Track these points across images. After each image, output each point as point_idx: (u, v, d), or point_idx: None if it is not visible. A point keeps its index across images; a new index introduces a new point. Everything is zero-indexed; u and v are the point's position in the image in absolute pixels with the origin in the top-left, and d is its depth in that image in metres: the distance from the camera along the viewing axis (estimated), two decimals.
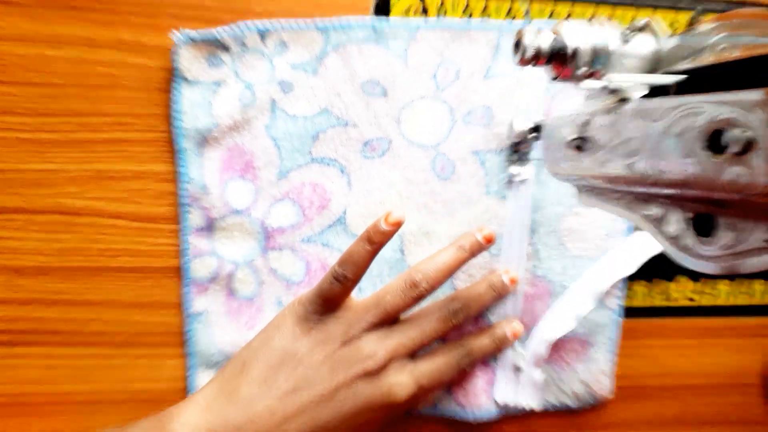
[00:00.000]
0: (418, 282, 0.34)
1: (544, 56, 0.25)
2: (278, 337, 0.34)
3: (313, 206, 0.38)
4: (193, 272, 0.38)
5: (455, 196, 0.39)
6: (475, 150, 0.38)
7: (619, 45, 0.24)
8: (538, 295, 0.40)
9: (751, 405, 0.45)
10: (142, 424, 0.32)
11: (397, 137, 0.38)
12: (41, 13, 0.35)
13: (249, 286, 0.39)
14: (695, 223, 0.20)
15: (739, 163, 0.16)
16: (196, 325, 0.39)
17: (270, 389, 0.32)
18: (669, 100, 0.20)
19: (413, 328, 0.35)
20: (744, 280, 0.44)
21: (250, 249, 0.38)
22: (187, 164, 0.37)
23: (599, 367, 0.41)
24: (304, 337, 0.34)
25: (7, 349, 0.38)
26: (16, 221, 0.37)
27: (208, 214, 0.38)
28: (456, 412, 0.40)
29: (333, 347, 0.33)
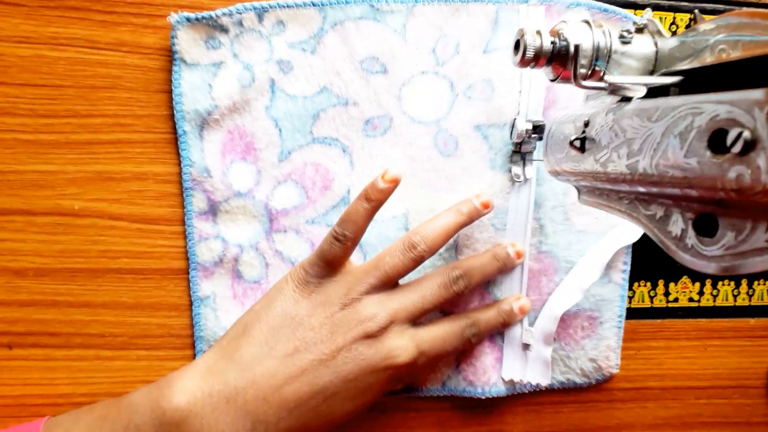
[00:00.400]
0: (417, 243, 0.34)
1: (545, 57, 0.25)
2: (279, 300, 0.34)
3: (316, 187, 0.38)
4: (199, 256, 0.38)
5: (459, 172, 0.39)
6: (477, 124, 0.38)
7: (619, 45, 0.24)
8: (543, 271, 0.40)
9: (754, 407, 0.45)
10: (141, 392, 0.33)
11: (398, 114, 0.38)
12: (41, 13, 0.35)
13: (255, 269, 0.39)
14: (697, 223, 0.20)
15: (740, 162, 0.16)
16: (203, 309, 0.39)
17: (270, 351, 0.33)
18: (670, 100, 0.20)
19: (414, 292, 0.35)
20: (746, 280, 0.44)
21: (254, 232, 0.38)
22: (188, 147, 0.37)
23: (607, 343, 0.41)
24: (305, 300, 0.34)
25: (6, 350, 0.38)
26: (16, 223, 0.37)
27: (210, 197, 0.38)
28: (465, 389, 0.40)
29: (333, 310, 0.33)
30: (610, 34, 0.24)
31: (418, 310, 0.35)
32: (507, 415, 0.43)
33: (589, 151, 0.26)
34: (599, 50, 0.24)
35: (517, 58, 0.26)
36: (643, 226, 0.24)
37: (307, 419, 0.33)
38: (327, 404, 0.33)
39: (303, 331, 0.33)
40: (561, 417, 0.43)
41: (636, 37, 0.24)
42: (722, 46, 0.20)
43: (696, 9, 0.36)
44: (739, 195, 0.17)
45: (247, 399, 0.32)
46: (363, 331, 0.33)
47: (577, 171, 0.27)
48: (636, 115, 0.22)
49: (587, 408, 0.43)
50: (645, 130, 0.21)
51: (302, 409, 0.32)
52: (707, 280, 0.43)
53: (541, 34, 0.25)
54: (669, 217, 0.22)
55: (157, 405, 0.31)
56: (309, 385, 0.32)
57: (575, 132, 0.27)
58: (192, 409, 0.31)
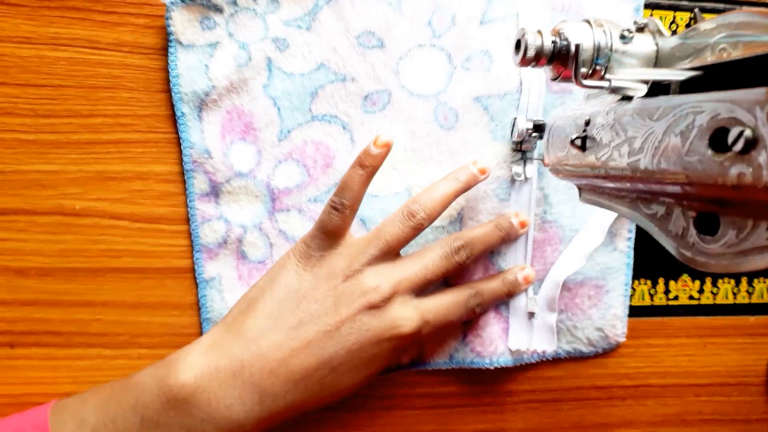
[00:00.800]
0: (415, 212, 0.34)
1: (546, 56, 0.25)
2: (283, 275, 0.34)
3: (317, 165, 0.38)
4: (202, 238, 0.38)
5: (460, 144, 0.39)
6: (477, 96, 0.38)
7: (619, 45, 0.24)
8: (548, 240, 0.40)
9: (753, 404, 0.45)
10: (147, 371, 0.33)
11: (396, 89, 0.38)
12: (42, 14, 0.35)
13: (259, 249, 0.39)
14: (698, 221, 0.20)
15: (742, 161, 0.16)
16: (209, 291, 0.39)
17: (276, 324, 0.33)
18: (670, 99, 0.20)
19: (416, 263, 0.35)
20: (746, 278, 0.44)
21: (257, 212, 0.38)
22: (187, 129, 0.37)
23: (613, 312, 0.41)
24: (307, 274, 0.34)
25: (8, 350, 0.38)
26: (18, 222, 0.37)
27: (212, 179, 0.37)
28: (473, 361, 0.40)
29: (336, 282, 0.34)
30: (610, 34, 0.24)
31: (421, 280, 0.35)
32: (507, 414, 0.43)
33: (590, 150, 0.26)
34: (600, 49, 0.24)
35: (518, 57, 0.26)
36: (644, 224, 0.24)
37: (313, 391, 0.33)
38: (333, 375, 0.33)
39: (307, 304, 0.33)
40: (561, 415, 0.43)
41: (636, 37, 0.24)
42: (723, 46, 0.20)
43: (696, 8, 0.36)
44: (740, 193, 0.17)
45: (253, 372, 0.32)
46: (366, 302, 0.33)
47: (578, 170, 0.27)
48: (637, 113, 0.22)
49: (587, 405, 0.44)
50: (646, 128, 0.21)
51: (309, 380, 0.32)
52: (707, 278, 0.43)
53: (542, 34, 0.25)
54: (670, 216, 0.22)
55: (164, 382, 0.31)
56: (315, 356, 0.32)
57: (576, 131, 0.27)
58: (199, 384, 0.31)
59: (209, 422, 0.31)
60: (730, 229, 0.19)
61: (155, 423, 0.31)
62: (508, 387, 0.43)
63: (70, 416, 0.32)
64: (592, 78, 0.25)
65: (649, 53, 0.24)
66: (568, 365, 0.43)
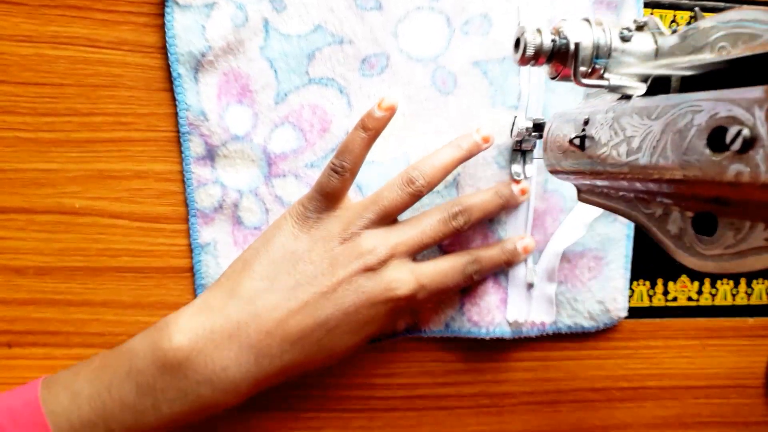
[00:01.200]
0: (415, 178, 0.34)
1: (545, 55, 0.25)
2: (279, 235, 0.34)
3: (314, 129, 0.38)
4: (198, 202, 0.38)
5: (459, 110, 0.38)
6: (476, 61, 0.38)
7: (619, 43, 0.24)
8: (548, 210, 0.40)
9: (752, 406, 0.45)
10: (139, 336, 0.33)
11: (394, 52, 0.38)
12: (42, 12, 0.35)
13: (255, 215, 0.38)
14: (696, 222, 0.20)
15: (740, 160, 0.16)
16: (204, 257, 0.38)
17: (272, 285, 0.33)
18: (669, 98, 0.20)
19: (413, 227, 0.35)
20: (745, 279, 0.44)
21: (253, 176, 0.38)
22: (183, 91, 0.36)
23: (614, 284, 0.41)
24: (304, 235, 0.34)
25: (6, 349, 0.38)
26: (17, 221, 0.37)
27: (208, 141, 0.37)
28: (470, 330, 0.40)
29: (332, 244, 0.33)
30: (610, 32, 0.24)
31: (417, 244, 0.35)
32: (506, 415, 0.43)
33: (588, 149, 0.26)
34: (599, 48, 0.24)
35: (517, 56, 0.26)
36: (642, 225, 0.24)
37: (310, 352, 0.33)
38: (329, 337, 0.33)
39: (303, 265, 0.33)
40: (559, 416, 0.43)
41: (636, 35, 0.24)
42: (722, 44, 0.20)
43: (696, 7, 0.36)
44: (738, 193, 0.17)
45: (249, 333, 0.32)
46: (363, 264, 0.33)
47: (577, 169, 0.27)
48: (636, 113, 0.22)
49: (585, 407, 0.44)
50: (645, 128, 0.21)
51: (305, 341, 0.32)
52: (706, 279, 0.43)
53: (541, 32, 0.25)
54: (668, 216, 0.22)
55: (157, 346, 0.31)
56: (311, 317, 0.32)
57: (575, 130, 0.27)
58: (194, 347, 0.31)
59: (206, 384, 0.31)
60: (727, 230, 0.19)
61: (151, 388, 0.31)
62: (507, 389, 0.43)
63: (62, 389, 0.32)
64: (592, 77, 0.25)
65: (648, 52, 0.24)
66: (568, 366, 0.43)
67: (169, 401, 0.31)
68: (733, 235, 0.18)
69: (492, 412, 0.43)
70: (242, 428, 0.40)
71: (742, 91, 0.17)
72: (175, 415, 0.31)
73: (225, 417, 0.40)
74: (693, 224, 0.20)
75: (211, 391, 0.31)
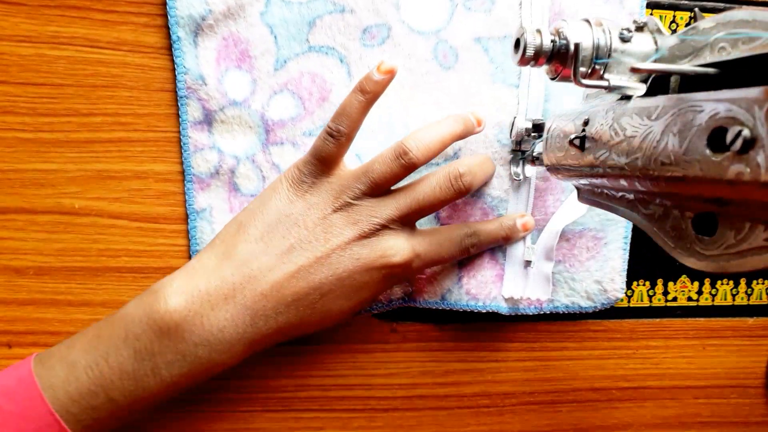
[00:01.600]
0: (409, 149, 0.33)
1: (545, 55, 0.25)
2: (274, 199, 0.34)
3: (312, 98, 0.38)
4: (195, 167, 0.38)
5: (460, 85, 0.38)
6: (478, 37, 0.38)
7: (619, 44, 0.24)
8: (549, 189, 0.40)
9: (752, 406, 0.45)
10: (133, 302, 0.32)
11: (396, 23, 0.37)
12: (42, 12, 0.35)
13: (252, 182, 0.38)
14: (696, 222, 0.20)
15: (740, 161, 0.16)
16: (199, 222, 0.38)
17: (267, 247, 0.33)
18: (669, 98, 0.20)
19: (408, 194, 0.34)
20: (745, 279, 0.44)
21: (250, 143, 0.38)
22: (182, 54, 0.36)
23: (612, 265, 0.40)
24: (299, 200, 0.34)
25: (6, 349, 0.38)
26: (17, 221, 0.37)
27: (205, 106, 0.37)
28: (467, 303, 0.40)
29: (326, 211, 0.33)
30: (610, 33, 0.24)
31: (414, 210, 0.34)
32: (506, 415, 0.43)
33: (588, 150, 0.26)
34: (599, 49, 0.24)
35: (517, 56, 0.26)
36: (642, 225, 0.24)
37: (304, 315, 0.33)
38: (323, 301, 0.33)
39: (298, 230, 0.33)
40: (559, 416, 0.43)
41: (636, 36, 0.24)
42: (722, 44, 0.20)
43: (696, 7, 0.36)
44: (738, 193, 0.17)
45: (245, 294, 0.32)
46: (357, 232, 0.33)
47: (577, 169, 0.27)
48: (636, 113, 0.22)
49: (585, 407, 0.44)
50: (645, 128, 0.21)
51: (299, 304, 0.33)
52: (706, 279, 0.43)
53: (541, 33, 0.25)
54: (668, 216, 0.22)
55: (153, 309, 0.31)
56: (305, 281, 0.32)
57: (575, 130, 0.27)
58: (190, 308, 0.31)
59: (203, 346, 0.31)
60: (727, 230, 0.19)
61: (149, 352, 0.31)
62: (507, 389, 0.43)
63: (58, 361, 0.31)
64: (591, 77, 0.25)
65: (648, 52, 0.24)
66: (568, 366, 0.43)
67: (168, 364, 0.31)
68: (733, 235, 0.18)
69: (492, 412, 0.43)
70: (243, 428, 0.40)
71: (742, 91, 0.17)
72: (175, 377, 0.32)
73: (225, 417, 0.40)
74: (693, 224, 0.20)
75: (208, 353, 0.31)
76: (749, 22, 0.18)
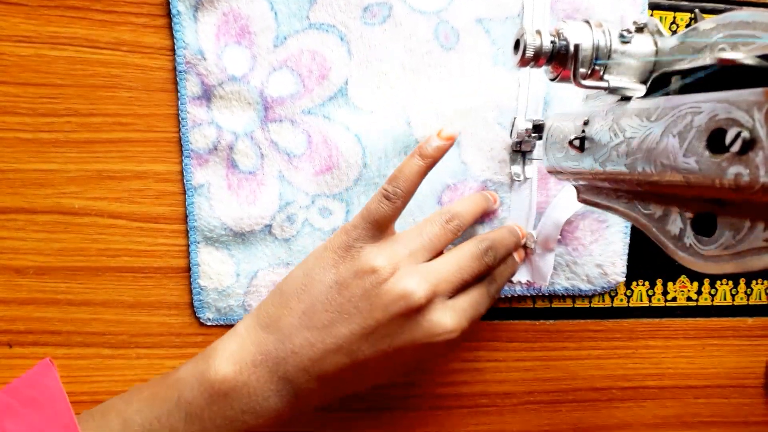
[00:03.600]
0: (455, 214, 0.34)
1: (545, 56, 0.25)
2: (319, 267, 0.33)
3: (312, 75, 0.38)
4: (192, 143, 0.37)
5: (461, 66, 0.38)
6: (479, 18, 0.38)
7: (618, 45, 0.24)
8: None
9: (752, 406, 0.45)
10: (187, 367, 0.33)
11: (397, 3, 0.37)
12: (41, 13, 0.35)
13: (250, 159, 0.38)
14: (695, 222, 0.20)
15: (739, 162, 0.16)
16: (197, 198, 0.38)
17: (310, 321, 0.32)
18: (669, 99, 0.20)
19: (451, 264, 0.34)
20: (744, 280, 0.44)
21: (249, 119, 0.38)
22: (182, 29, 0.36)
23: (613, 248, 0.40)
24: (344, 267, 0.33)
25: (6, 349, 0.38)
26: (17, 221, 0.37)
27: (204, 81, 0.37)
28: None
29: (373, 281, 0.32)
30: (609, 34, 0.24)
31: (459, 283, 0.34)
32: (506, 415, 0.43)
33: (588, 151, 0.26)
34: (599, 50, 0.24)
35: (516, 57, 0.26)
36: (641, 225, 0.24)
37: (347, 385, 0.34)
38: (364, 374, 0.33)
39: (342, 302, 0.32)
40: (559, 416, 0.43)
41: (636, 37, 0.24)
42: (722, 46, 0.20)
43: (696, 8, 0.36)
44: (737, 194, 0.17)
45: (288, 369, 0.32)
46: (405, 306, 0.32)
47: (577, 170, 0.27)
48: (635, 114, 0.22)
49: (585, 407, 0.44)
50: (644, 129, 0.21)
51: (342, 377, 0.33)
52: (705, 279, 0.43)
53: (541, 34, 0.25)
54: (667, 217, 0.22)
55: (205, 378, 0.32)
56: (348, 357, 0.32)
57: (574, 131, 0.27)
58: (239, 378, 0.32)
59: (250, 413, 0.32)
60: (727, 230, 0.19)
61: (199, 417, 0.32)
62: (507, 389, 0.43)
63: (115, 417, 0.32)
64: (591, 78, 0.25)
65: (648, 53, 0.24)
66: (568, 366, 0.43)
67: (217, 428, 0.32)
68: (733, 235, 0.18)
69: (492, 412, 0.43)
70: None
71: (741, 93, 0.17)
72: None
73: None
74: (692, 225, 0.20)
75: (255, 419, 0.32)
76: (749, 23, 0.18)
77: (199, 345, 0.39)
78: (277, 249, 0.39)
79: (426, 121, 0.38)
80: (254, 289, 0.39)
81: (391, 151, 0.38)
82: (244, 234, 0.38)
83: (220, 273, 0.39)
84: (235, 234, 0.38)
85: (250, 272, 0.39)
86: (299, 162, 0.38)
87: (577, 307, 0.42)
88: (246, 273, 0.39)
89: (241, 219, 0.38)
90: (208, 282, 0.39)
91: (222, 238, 0.38)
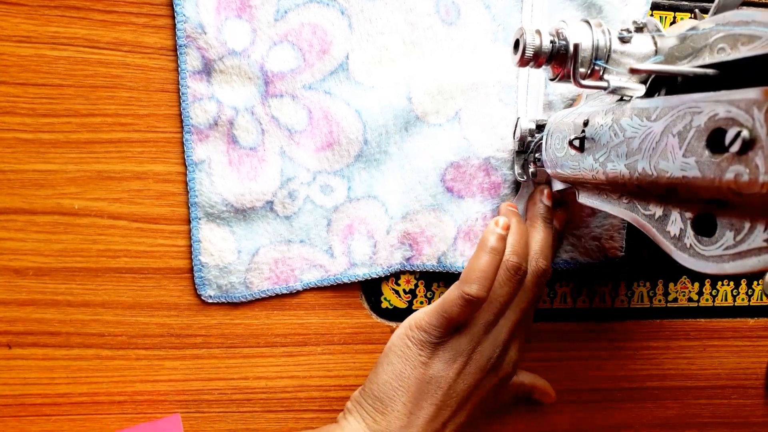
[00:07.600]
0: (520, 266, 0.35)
1: (544, 56, 0.25)
2: (408, 367, 0.35)
3: (313, 50, 0.37)
4: (193, 118, 0.37)
5: (461, 42, 0.38)
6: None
7: (618, 45, 0.24)
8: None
9: (753, 407, 0.45)
10: None
11: None
12: (42, 13, 0.35)
13: (251, 135, 0.38)
14: (696, 223, 0.20)
15: (739, 162, 0.16)
16: (198, 174, 0.38)
17: (417, 419, 0.34)
18: (668, 99, 0.20)
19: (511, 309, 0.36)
20: (745, 280, 0.44)
21: (249, 94, 0.37)
22: (182, 2, 0.36)
23: (612, 221, 0.40)
24: (434, 361, 0.34)
25: (6, 350, 0.38)
26: (17, 222, 0.37)
27: (205, 55, 0.36)
28: (463, 265, 0.40)
29: (462, 361, 0.35)
30: (609, 34, 0.24)
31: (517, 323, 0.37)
32: (505, 416, 0.43)
33: (588, 151, 0.26)
34: (598, 49, 0.24)
35: (516, 57, 0.26)
36: (641, 225, 0.24)
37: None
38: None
39: (442, 392, 0.34)
40: (560, 417, 0.43)
41: (635, 37, 0.24)
42: (721, 45, 0.20)
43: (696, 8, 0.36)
44: (737, 194, 0.17)
45: None
46: (489, 367, 0.36)
47: (577, 170, 0.27)
48: (635, 114, 0.22)
49: (586, 408, 0.43)
50: (644, 129, 0.21)
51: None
52: (706, 280, 0.43)
53: (541, 34, 0.25)
54: (668, 217, 0.22)
55: None
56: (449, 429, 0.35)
57: (574, 131, 0.27)
58: None
59: None
60: (727, 231, 0.19)
61: None
62: None
63: None
64: (591, 78, 0.25)
65: (648, 53, 0.24)
66: (568, 366, 0.43)
67: None
68: (733, 236, 0.18)
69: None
70: (243, 428, 0.40)
71: (741, 92, 0.17)
72: None
73: (225, 418, 0.40)
74: (693, 225, 0.20)
75: None
76: (748, 23, 0.18)
77: (198, 346, 0.39)
78: (278, 226, 0.39)
79: (425, 98, 0.38)
80: (255, 266, 0.39)
81: (391, 127, 0.38)
82: (246, 210, 0.38)
83: (221, 250, 0.38)
84: (236, 210, 0.38)
85: (252, 249, 0.39)
86: (300, 138, 0.38)
87: (578, 308, 0.42)
88: (247, 250, 0.39)
89: (242, 195, 0.37)
90: (209, 258, 0.38)
91: (223, 214, 0.38)
